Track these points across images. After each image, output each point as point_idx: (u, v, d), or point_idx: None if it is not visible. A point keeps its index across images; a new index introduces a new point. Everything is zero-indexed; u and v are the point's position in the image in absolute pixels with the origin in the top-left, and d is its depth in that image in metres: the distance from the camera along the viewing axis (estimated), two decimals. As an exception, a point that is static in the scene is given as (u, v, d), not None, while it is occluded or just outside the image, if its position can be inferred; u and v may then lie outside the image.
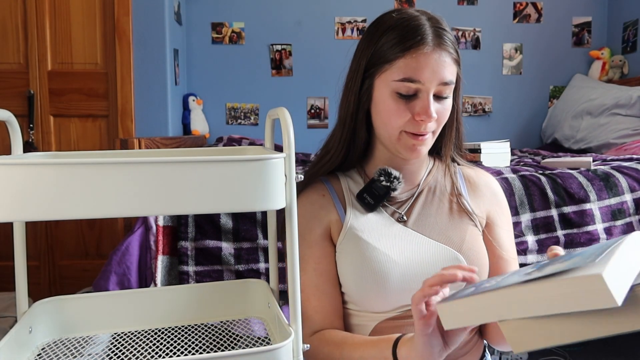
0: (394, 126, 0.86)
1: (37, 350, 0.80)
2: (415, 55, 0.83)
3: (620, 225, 1.49)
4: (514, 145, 2.73)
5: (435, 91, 0.84)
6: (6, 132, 0.79)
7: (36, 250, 2.42)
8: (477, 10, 3.03)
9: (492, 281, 0.66)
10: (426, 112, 0.83)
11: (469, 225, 0.92)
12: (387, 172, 0.90)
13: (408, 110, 0.84)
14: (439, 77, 0.83)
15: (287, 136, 0.69)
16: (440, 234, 0.90)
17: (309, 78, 2.99)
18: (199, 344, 0.83)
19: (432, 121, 0.84)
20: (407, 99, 0.84)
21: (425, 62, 0.82)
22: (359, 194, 0.92)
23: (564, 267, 0.55)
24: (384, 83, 0.86)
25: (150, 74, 2.49)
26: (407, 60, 0.83)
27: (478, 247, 0.91)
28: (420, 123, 0.84)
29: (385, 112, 0.86)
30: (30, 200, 0.58)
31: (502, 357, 1.86)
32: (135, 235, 1.36)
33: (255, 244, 1.36)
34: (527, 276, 0.58)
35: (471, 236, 0.91)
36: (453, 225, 0.91)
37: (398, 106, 0.85)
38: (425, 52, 0.83)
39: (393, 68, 0.84)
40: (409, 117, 0.85)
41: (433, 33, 0.84)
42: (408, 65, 0.83)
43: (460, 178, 0.98)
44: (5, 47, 2.42)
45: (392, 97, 0.85)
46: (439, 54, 0.83)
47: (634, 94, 2.41)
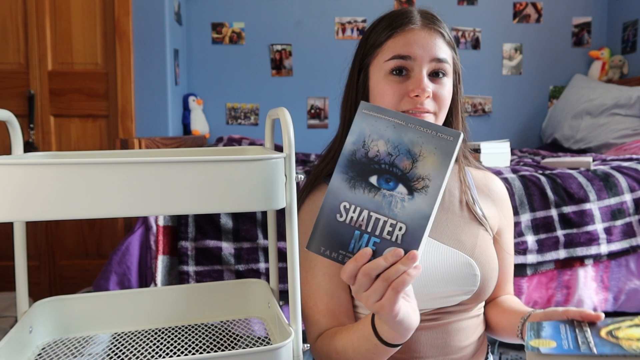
0: (388, 107, 0.83)
1: (37, 350, 0.80)
2: (403, 33, 0.83)
3: (620, 225, 1.49)
4: (513, 145, 2.74)
5: (429, 69, 0.83)
6: (6, 132, 0.79)
7: (36, 250, 2.42)
8: (477, 10, 3.03)
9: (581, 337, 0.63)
10: (419, 85, 0.81)
11: (480, 229, 0.90)
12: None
13: (403, 89, 0.83)
14: (430, 53, 0.82)
15: (287, 136, 0.69)
16: (451, 238, 0.88)
17: (309, 78, 2.99)
18: (199, 344, 0.83)
19: (428, 96, 0.81)
20: (401, 78, 0.83)
21: (413, 38, 0.82)
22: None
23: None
24: (377, 68, 0.86)
25: (150, 74, 2.49)
26: (395, 39, 0.83)
27: (489, 252, 0.89)
28: (415, 99, 0.82)
29: (380, 94, 0.85)
30: (30, 200, 0.58)
31: (502, 357, 1.86)
32: (136, 235, 1.36)
33: (255, 244, 1.36)
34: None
35: (482, 241, 0.89)
36: (464, 230, 0.89)
37: (392, 85, 0.83)
38: (413, 29, 0.83)
39: (383, 50, 0.84)
40: (404, 95, 0.83)
41: (421, 15, 0.85)
42: (397, 43, 0.83)
43: (470, 180, 0.96)
44: (6, 47, 2.42)
45: (386, 79, 0.84)
46: (428, 32, 0.83)
47: (634, 94, 2.41)
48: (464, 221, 0.90)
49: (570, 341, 0.63)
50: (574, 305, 1.47)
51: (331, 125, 3.02)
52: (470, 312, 0.89)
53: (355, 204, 0.63)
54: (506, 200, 0.99)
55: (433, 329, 0.85)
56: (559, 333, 0.65)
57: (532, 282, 1.45)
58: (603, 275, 1.49)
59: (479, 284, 0.85)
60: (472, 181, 0.96)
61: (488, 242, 0.90)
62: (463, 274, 0.84)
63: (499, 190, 0.98)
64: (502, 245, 0.96)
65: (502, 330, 0.92)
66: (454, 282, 0.84)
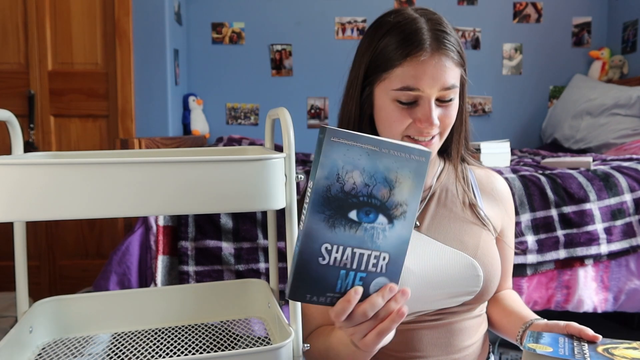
0: (396, 132, 0.84)
1: (37, 350, 0.80)
2: (413, 64, 0.80)
3: (620, 225, 1.49)
4: (514, 145, 2.74)
5: (438, 96, 0.82)
6: (6, 132, 0.79)
7: (36, 250, 2.42)
8: (477, 10, 3.03)
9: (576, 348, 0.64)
10: (427, 119, 0.81)
11: (483, 230, 0.90)
12: None
13: (410, 117, 0.82)
14: (440, 83, 0.81)
15: (287, 136, 0.69)
16: (454, 239, 0.87)
17: (309, 78, 2.99)
18: (199, 344, 0.83)
19: (434, 127, 0.82)
20: (408, 106, 0.82)
21: (423, 70, 0.80)
22: None
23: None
24: (383, 92, 0.84)
25: (150, 74, 2.49)
26: (404, 68, 0.80)
27: (492, 253, 0.89)
28: (422, 129, 0.82)
29: (387, 119, 0.84)
30: (30, 200, 0.58)
31: (502, 357, 1.86)
32: (136, 235, 1.36)
33: (255, 244, 1.36)
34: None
35: (485, 241, 0.89)
36: (467, 230, 0.89)
37: (399, 113, 0.82)
38: (423, 60, 0.80)
39: (392, 77, 0.82)
40: (411, 122, 0.83)
41: (431, 37, 0.81)
42: (406, 74, 0.80)
43: (472, 180, 0.96)
44: (6, 47, 2.42)
45: (393, 105, 0.83)
46: (438, 59, 0.80)
47: (634, 94, 2.41)
48: (467, 222, 0.90)
49: (567, 350, 0.64)
50: (574, 305, 1.47)
51: (331, 125, 3.01)
52: (473, 312, 0.89)
53: (338, 243, 0.59)
54: (509, 199, 0.99)
55: (436, 329, 0.85)
56: (557, 343, 0.67)
57: (532, 282, 1.45)
58: (603, 275, 1.49)
59: (482, 284, 0.85)
60: (474, 181, 0.96)
61: (491, 243, 0.90)
62: (466, 274, 0.84)
63: (502, 189, 0.98)
64: (505, 247, 0.96)
65: (502, 330, 0.93)
66: (457, 283, 0.84)
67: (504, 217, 0.96)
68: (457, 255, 0.86)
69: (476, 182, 0.96)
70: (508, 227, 0.97)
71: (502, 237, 0.96)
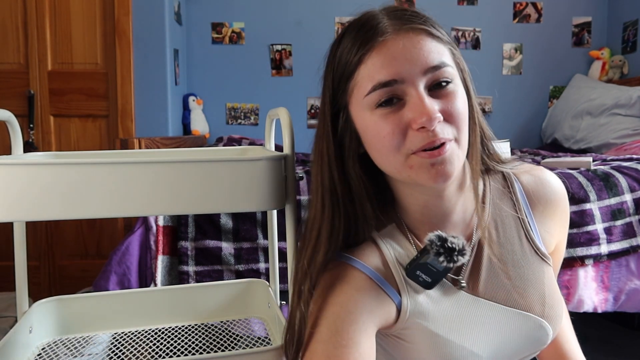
0: (392, 151, 0.61)
1: (37, 350, 0.80)
2: (375, 52, 0.61)
3: (620, 225, 1.49)
4: (514, 145, 2.73)
5: (427, 83, 0.61)
6: (6, 132, 0.79)
7: (36, 250, 2.42)
8: (477, 10, 3.02)
9: None
10: (421, 110, 0.58)
11: (544, 268, 0.71)
12: (446, 247, 0.62)
13: (401, 122, 0.60)
14: (420, 64, 0.60)
15: (287, 136, 0.69)
16: (517, 296, 0.69)
17: (309, 78, 2.99)
18: (199, 344, 0.83)
19: (436, 121, 0.58)
20: (394, 109, 0.61)
21: (390, 55, 0.60)
22: (411, 272, 0.65)
23: None
24: (358, 107, 0.63)
25: (150, 74, 2.49)
26: (367, 64, 0.61)
27: (557, 300, 0.72)
28: (422, 131, 0.59)
29: (376, 137, 0.62)
30: (30, 200, 0.58)
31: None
32: (135, 235, 1.36)
33: (255, 244, 1.36)
34: None
35: (549, 287, 0.71)
36: (529, 278, 0.70)
37: (386, 121, 0.61)
38: (385, 41, 0.61)
39: (358, 83, 0.63)
40: (406, 129, 0.60)
41: (388, 17, 0.63)
42: (371, 68, 0.61)
43: (521, 197, 0.73)
44: (5, 47, 2.41)
45: (375, 116, 0.61)
46: (406, 36, 0.61)
47: (634, 94, 2.41)
48: (527, 264, 0.70)
49: None
50: (574, 305, 1.47)
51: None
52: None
53: None
54: (564, 202, 0.76)
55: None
56: None
57: (532, 282, 1.45)
58: (603, 275, 1.49)
59: (549, 341, 0.71)
60: (523, 196, 0.73)
61: (554, 284, 0.73)
62: (535, 338, 0.70)
63: (557, 193, 0.75)
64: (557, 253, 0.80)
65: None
66: (525, 349, 0.71)
67: (562, 227, 0.77)
68: (523, 318, 0.68)
69: (525, 197, 0.73)
70: (564, 236, 0.80)
71: (558, 248, 0.80)
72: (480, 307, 0.68)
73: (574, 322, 0.86)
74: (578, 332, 0.85)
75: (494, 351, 0.68)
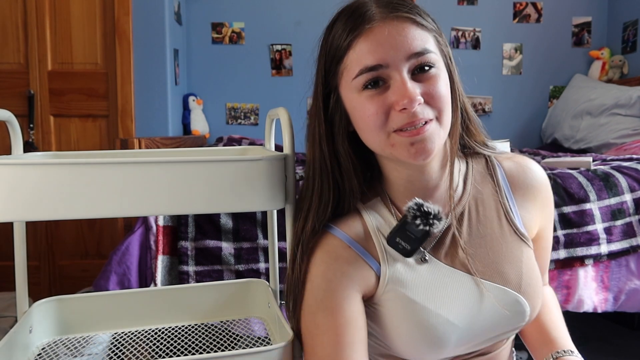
0: (376, 129, 0.67)
1: (37, 350, 0.80)
2: (363, 38, 0.66)
3: (620, 225, 1.49)
4: (514, 145, 2.73)
5: (410, 67, 0.66)
6: (6, 132, 0.79)
7: (36, 250, 2.42)
8: (477, 10, 3.02)
9: None
10: (403, 94, 0.64)
11: (523, 247, 0.75)
12: (423, 211, 0.68)
13: (386, 104, 0.66)
14: (404, 50, 0.65)
15: (287, 136, 0.69)
16: (494, 270, 0.73)
17: (309, 78, 2.98)
18: (199, 344, 0.83)
19: (416, 103, 0.64)
20: (379, 90, 0.66)
21: (376, 41, 0.65)
22: (391, 239, 0.71)
23: None
24: (347, 88, 0.69)
25: (150, 74, 2.49)
26: (355, 50, 0.67)
27: (536, 279, 0.75)
28: (404, 112, 0.65)
29: (363, 118, 0.68)
30: (31, 200, 0.58)
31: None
32: (135, 235, 1.36)
33: (255, 244, 1.36)
34: None
35: (527, 265, 0.74)
36: (507, 255, 0.74)
37: (372, 103, 0.66)
38: (372, 28, 0.66)
39: (347, 65, 0.68)
40: (389, 109, 0.66)
41: (377, 6, 0.68)
42: (359, 53, 0.66)
43: (503, 180, 0.78)
44: (5, 47, 2.41)
45: (362, 97, 0.67)
46: (391, 24, 0.66)
47: (634, 94, 2.41)
48: (505, 242, 0.74)
49: None
50: (574, 305, 1.47)
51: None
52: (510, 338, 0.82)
53: None
54: (547, 189, 0.80)
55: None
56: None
57: (532, 282, 1.45)
58: (603, 275, 1.49)
59: (528, 318, 0.74)
60: (504, 179, 0.78)
61: (533, 265, 0.76)
62: (511, 313, 0.72)
63: (539, 180, 0.79)
64: (543, 240, 0.83)
65: (529, 345, 0.85)
66: (502, 325, 0.73)
67: (544, 213, 0.80)
68: (498, 291, 0.72)
69: (506, 180, 0.78)
70: (548, 223, 0.83)
71: (542, 235, 0.82)
72: (457, 278, 0.72)
73: (574, 322, 0.86)
74: (578, 332, 0.85)
75: (470, 322, 0.71)
